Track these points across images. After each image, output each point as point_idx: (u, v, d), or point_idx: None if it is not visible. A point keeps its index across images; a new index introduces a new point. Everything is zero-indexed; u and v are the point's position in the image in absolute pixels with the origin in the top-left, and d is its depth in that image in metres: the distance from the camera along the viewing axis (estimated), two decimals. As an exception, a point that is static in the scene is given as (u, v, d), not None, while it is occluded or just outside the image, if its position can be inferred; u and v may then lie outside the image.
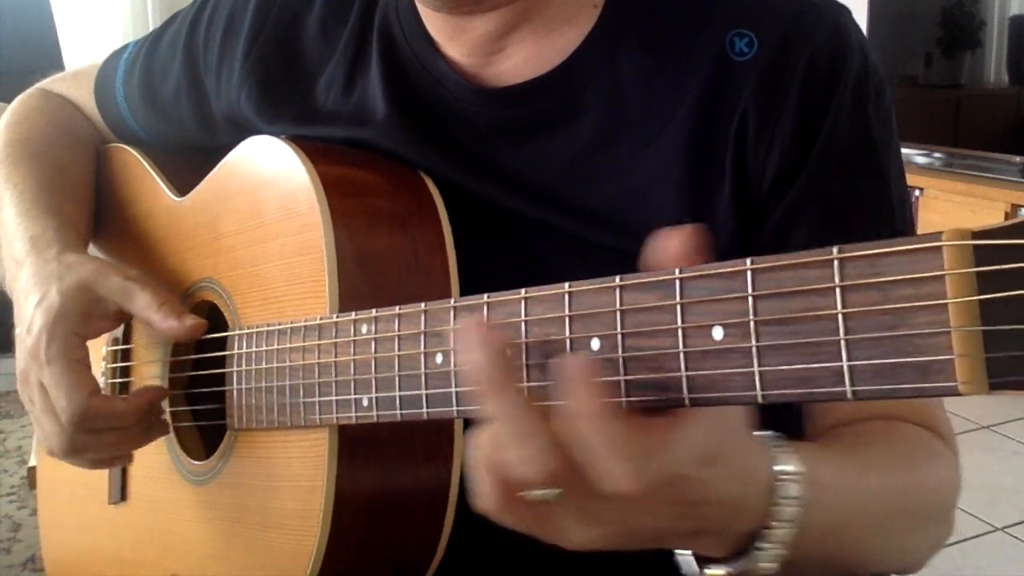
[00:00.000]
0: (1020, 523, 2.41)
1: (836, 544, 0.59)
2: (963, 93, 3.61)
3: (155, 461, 0.89)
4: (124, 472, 0.93)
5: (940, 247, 0.35)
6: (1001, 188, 3.10)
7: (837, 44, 0.69)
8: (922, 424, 0.71)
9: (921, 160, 3.43)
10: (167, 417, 0.87)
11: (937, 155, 3.43)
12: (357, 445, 0.68)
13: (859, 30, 0.73)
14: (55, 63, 2.83)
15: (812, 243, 0.40)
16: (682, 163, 0.70)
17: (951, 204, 3.20)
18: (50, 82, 1.10)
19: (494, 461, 0.48)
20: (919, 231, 0.69)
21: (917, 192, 3.29)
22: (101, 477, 0.94)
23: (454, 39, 0.76)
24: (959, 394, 0.34)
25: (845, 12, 0.72)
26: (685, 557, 0.56)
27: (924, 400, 0.71)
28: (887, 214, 0.72)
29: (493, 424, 0.47)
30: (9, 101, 1.07)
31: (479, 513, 0.50)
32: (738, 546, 0.53)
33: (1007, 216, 3.02)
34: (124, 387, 0.93)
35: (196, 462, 0.84)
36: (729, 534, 0.53)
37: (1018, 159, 3.13)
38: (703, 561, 0.55)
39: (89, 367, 0.80)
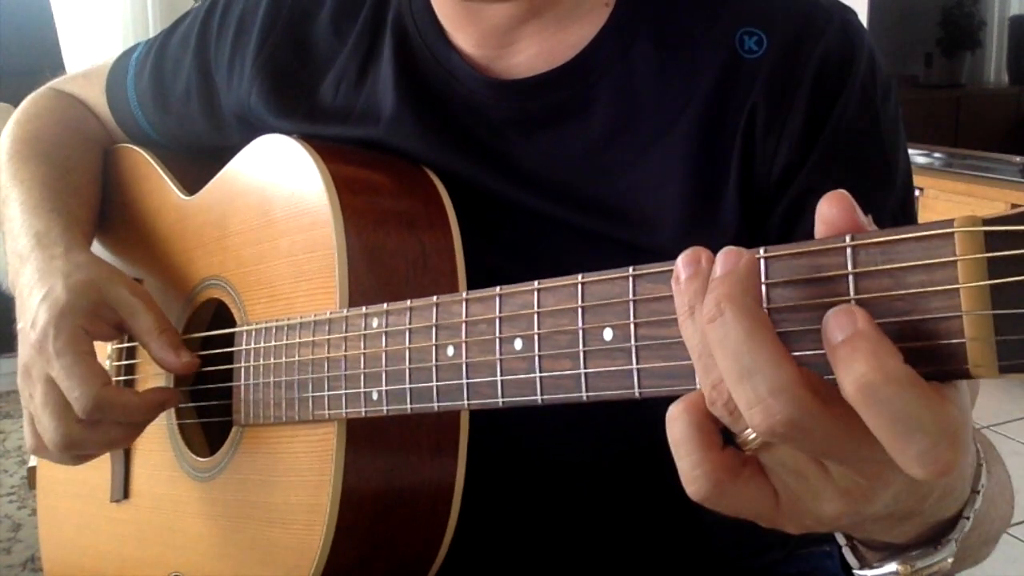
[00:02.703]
0: (1020, 523, 2.41)
1: (977, 536, 0.52)
2: (963, 93, 3.61)
3: (158, 458, 0.89)
4: (127, 469, 0.93)
5: (952, 233, 0.35)
6: (1001, 188, 3.11)
7: (847, 43, 0.70)
8: None
9: (921, 160, 3.44)
10: (172, 418, 0.87)
11: (937, 155, 3.43)
12: (365, 440, 0.68)
13: (866, 31, 0.73)
14: (55, 63, 2.83)
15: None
16: (691, 158, 0.71)
17: (951, 204, 3.20)
18: (61, 82, 1.10)
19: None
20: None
21: (917, 192, 3.30)
22: (103, 475, 0.94)
23: (465, 28, 0.77)
24: (970, 377, 0.35)
25: (852, 13, 0.73)
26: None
27: None
28: (893, 205, 0.72)
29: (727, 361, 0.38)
30: (9, 101, 1.08)
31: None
32: (922, 537, 0.49)
33: (1007, 216, 3.02)
34: (128, 385, 0.93)
35: (200, 458, 0.84)
36: (930, 521, 0.48)
37: (1018, 159, 3.14)
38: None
39: (97, 359, 0.80)
